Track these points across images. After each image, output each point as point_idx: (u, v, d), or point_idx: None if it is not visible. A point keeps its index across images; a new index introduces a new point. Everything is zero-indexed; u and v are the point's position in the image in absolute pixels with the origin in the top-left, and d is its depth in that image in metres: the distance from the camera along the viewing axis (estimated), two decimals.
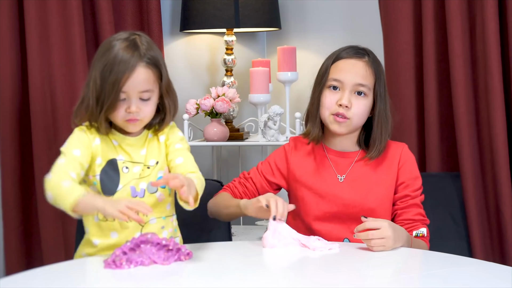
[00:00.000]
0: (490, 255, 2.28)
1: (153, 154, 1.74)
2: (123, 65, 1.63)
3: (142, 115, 1.68)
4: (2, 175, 2.45)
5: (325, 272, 1.55)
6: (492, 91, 2.19)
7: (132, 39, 1.67)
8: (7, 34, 2.40)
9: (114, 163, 1.70)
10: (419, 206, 1.87)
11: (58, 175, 1.61)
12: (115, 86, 1.62)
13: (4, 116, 2.43)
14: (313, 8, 3.00)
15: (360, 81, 1.84)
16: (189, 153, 1.75)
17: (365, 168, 1.88)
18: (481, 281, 1.47)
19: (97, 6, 2.50)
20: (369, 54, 1.89)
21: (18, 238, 2.47)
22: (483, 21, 2.19)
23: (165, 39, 2.84)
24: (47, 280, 1.48)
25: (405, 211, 1.85)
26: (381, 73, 1.89)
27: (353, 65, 1.86)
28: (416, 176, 1.89)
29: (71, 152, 1.66)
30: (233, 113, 2.81)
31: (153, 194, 1.71)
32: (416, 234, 1.80)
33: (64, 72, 2.44)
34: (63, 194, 1.58)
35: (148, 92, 1.67)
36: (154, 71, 1.67)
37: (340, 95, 1.85)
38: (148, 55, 1.66)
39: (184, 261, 1.57)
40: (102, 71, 1.64)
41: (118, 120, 1.68)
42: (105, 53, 1.65)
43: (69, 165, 1.64)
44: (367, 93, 1.85)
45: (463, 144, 2.26)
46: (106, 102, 1.64)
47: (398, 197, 1.87)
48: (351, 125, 1.85)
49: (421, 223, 1.85)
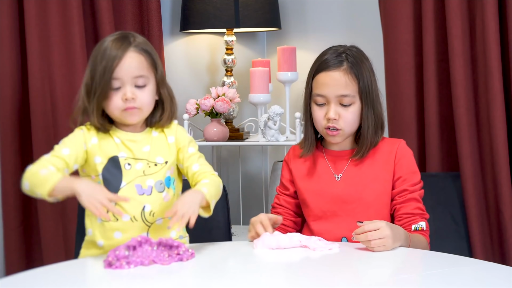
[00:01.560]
0: (490, 255, 2.28)
1: (161, 153, 1.74)
2: (113, 51, 1.64)
3: (139, 103, 1.67)
4: (2, 175, 2.45)
5: (325, 272, 1.55)
6: (492, 91, 2.19)
7: (124, 34, 1.68)
8: (7, 34, 2.40)
9: (115, 160, 1.70)
10: (418, 200, 1.86)
11: (37, 165, 1.62)
12: (106, 72, 1.62)
13: (4, 116, 2.43)
14: (313, 8, 3.00)
15: (342, 92, 1.83)
16: (201, 154, 1.77)
17: (361, 165, 1.89)
18: (481, 281, 1.46)
19: (97, 6, 2.50)
20: (347, 57, 1.85)
21: (18, 238, 2.47)
22: (483, 21, 2.19)
23: (165, 39, 2.84)
24: (47, 280, 1.48)
25: (404, 206, 1.84)
26: (363, 70, 1.85)
27: (331, 77, 1.84)
28: (413, 170, 1.88)
29: (60, 150, 1.67)
30: (233, 113, 2.81)
31: (160, 194, 1.71)
32: (415, 228, 1.79)
33: (64, 72, 2.44)
34: (39, 181, 1.58)
35: (142, 78, 1.66)
36: (146, 57, 1.67)
37: (326, 109, 1.85)
38: (140, 44, 1.67)
39: (185, 261, 1.57)
40: (93, 63, 1.65)
41: (116, 111, 1.68)
42: (97, 48, 1.67)
43: (51, 159, 1.64)
44: (352, 101, 1.85)
45: (463, 144, 2.26)
46: (98, 90, 1.63)
47: (396, 192, 1.87)
48: (344, 134, 1.86)
49: (420, 217, 1.84)
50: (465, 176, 2.26)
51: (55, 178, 1.57)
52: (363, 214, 1.83)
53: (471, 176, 2.26)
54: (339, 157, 1.91)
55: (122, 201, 1.64)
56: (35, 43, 2.41)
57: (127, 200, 1.64)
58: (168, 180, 1.74)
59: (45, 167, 1.61)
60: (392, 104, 2.42)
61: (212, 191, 1.68)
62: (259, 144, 2.69)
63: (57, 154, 1.66)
